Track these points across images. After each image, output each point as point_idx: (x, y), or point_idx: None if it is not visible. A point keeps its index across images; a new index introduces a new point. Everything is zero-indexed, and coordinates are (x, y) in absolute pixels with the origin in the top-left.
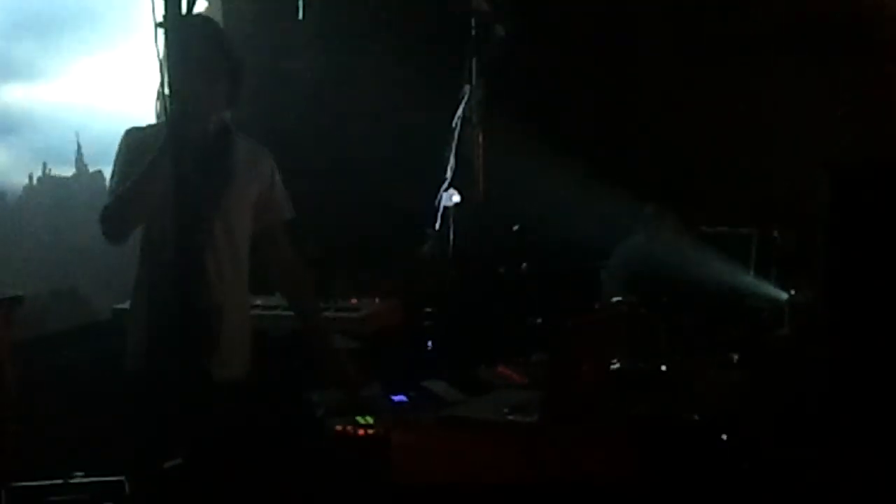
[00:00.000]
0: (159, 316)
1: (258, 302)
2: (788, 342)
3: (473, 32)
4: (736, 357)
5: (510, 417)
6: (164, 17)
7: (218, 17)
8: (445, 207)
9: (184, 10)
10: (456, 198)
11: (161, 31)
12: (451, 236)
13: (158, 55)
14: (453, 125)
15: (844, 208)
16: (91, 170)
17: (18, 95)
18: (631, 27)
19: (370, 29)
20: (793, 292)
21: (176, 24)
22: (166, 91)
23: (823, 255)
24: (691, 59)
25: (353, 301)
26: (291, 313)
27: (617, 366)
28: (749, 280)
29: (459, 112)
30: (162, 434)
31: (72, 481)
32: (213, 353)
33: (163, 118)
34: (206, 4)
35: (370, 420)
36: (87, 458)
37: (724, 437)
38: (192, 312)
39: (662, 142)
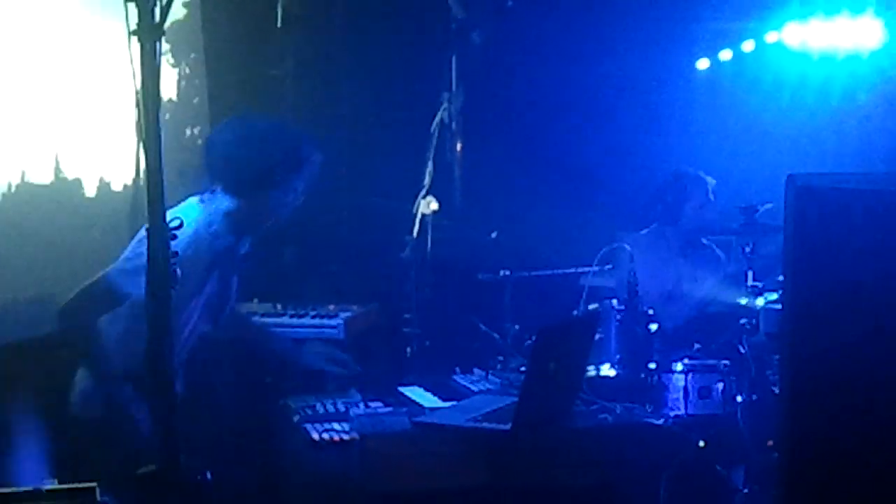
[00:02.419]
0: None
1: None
2: (763, 348)
3: (451, 39)
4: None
5: (484, 424)
6: (138, 25)
7: (196, 25)
8: (423, 214)
9: (157, 18)
10: (434, 205)
11: (135, 40)
12: (429, 243)
13: (132, 64)
14: (431, 131)
15: (807, 219)
16: (70, 178)
17: None
18: (610, 31)
19: (348, 36)
20: (767, 299)
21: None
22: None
23: (789, 265)
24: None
25: (332, 307)
26: (267, 320)
27: (592, 372)
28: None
29: (437, 118)
30: (135, 441)
31: (43, 488)
32: None
33: (140, 128)
34: (184, 12)
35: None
36: (59, 464)
37: (702, 442)
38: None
39: (642, 147)
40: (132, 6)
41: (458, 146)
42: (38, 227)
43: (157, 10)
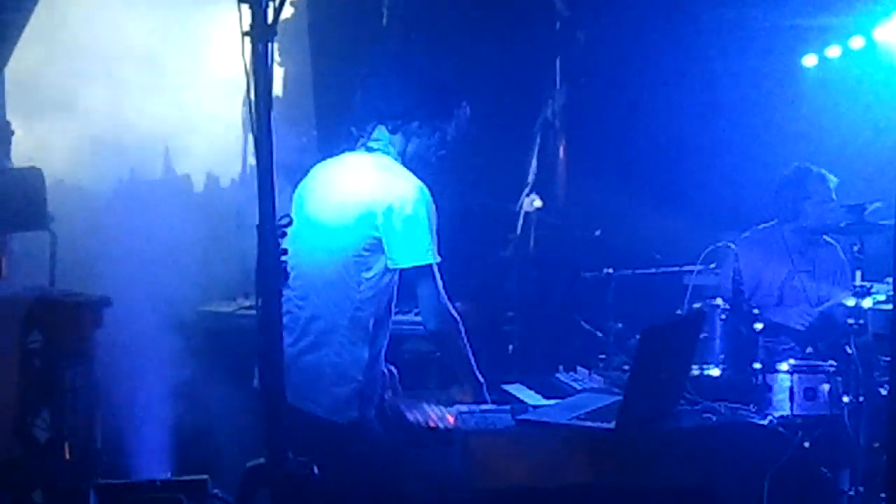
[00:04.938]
0: None
1: None
2: (871, 349)
3: (555, 38)
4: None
5: (587, 423)
6: (251, 25)
7: (303, 24)
8: (527, 212)
9: (269, 19)
10: (538, 202)
11: (247, 40)
12: (532, 241)
13: (245, 63)
14: (535, 130)
15: None
16: (179, 173)
17: (106, 100)
18: (715, 28)
19: (452, 35)
20: (875, 299)
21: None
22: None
23: None
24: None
25: None
26: None
27: (697, 372)
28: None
29: (542, 117)
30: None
31: (157, 479)
32: None
33: (251, 125)
34: (291, 11)
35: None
36: (172, 456)
37: (807, 443)
38: None
39: (748, 146)
40: (245, 7)
41: (562, 144)
42: (148, 222)
43: (270, 11)
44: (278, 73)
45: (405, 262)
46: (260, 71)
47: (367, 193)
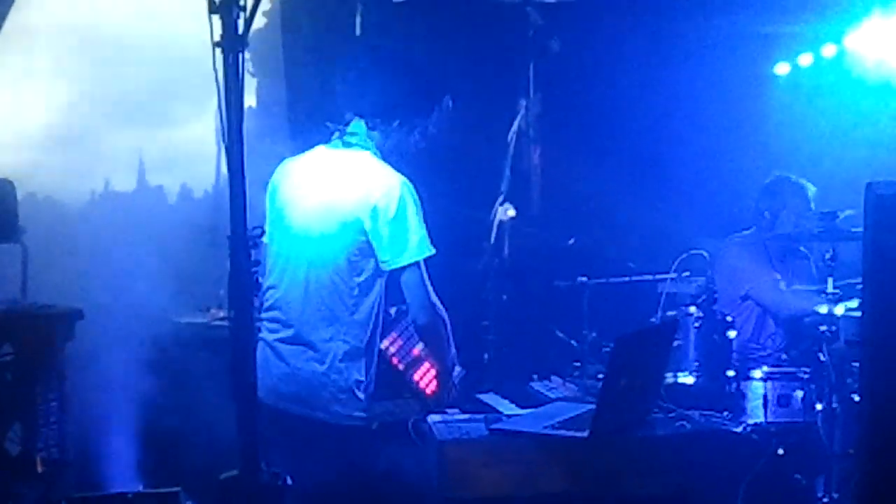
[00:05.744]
0: None
1: None
2: (843, 356)
3: (529, 46)
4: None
5: (561, 431)
6: (221, 36)
7: (276, 33)
8: (501, 221)
9: (240, 30)
10: (511, 211)
11: (219, 51)
12: (507, 250)
13: (216, 74)
14: (509, 139)
15: (886, 227)
16: (152, 185)
17: (81, 111)
18: (688, 36)
19: (426, 44)
20: (847, 306)
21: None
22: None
23: (868, 272)
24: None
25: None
26: None
27: (671, 379)
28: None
29: (515, 126)
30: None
31: (129, 492)
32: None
33: (220, 135)
34: (263, 21)
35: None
36: (144, 469)
37: (781, 450)
38: None
39: (721, 154)
40: (216, 18)
41: (536, 153)
42: (121, 234)
43: (241, 22)
44: (252, 84)
45: (395, 262)
46: (231, 81)
47: (349, 198)
